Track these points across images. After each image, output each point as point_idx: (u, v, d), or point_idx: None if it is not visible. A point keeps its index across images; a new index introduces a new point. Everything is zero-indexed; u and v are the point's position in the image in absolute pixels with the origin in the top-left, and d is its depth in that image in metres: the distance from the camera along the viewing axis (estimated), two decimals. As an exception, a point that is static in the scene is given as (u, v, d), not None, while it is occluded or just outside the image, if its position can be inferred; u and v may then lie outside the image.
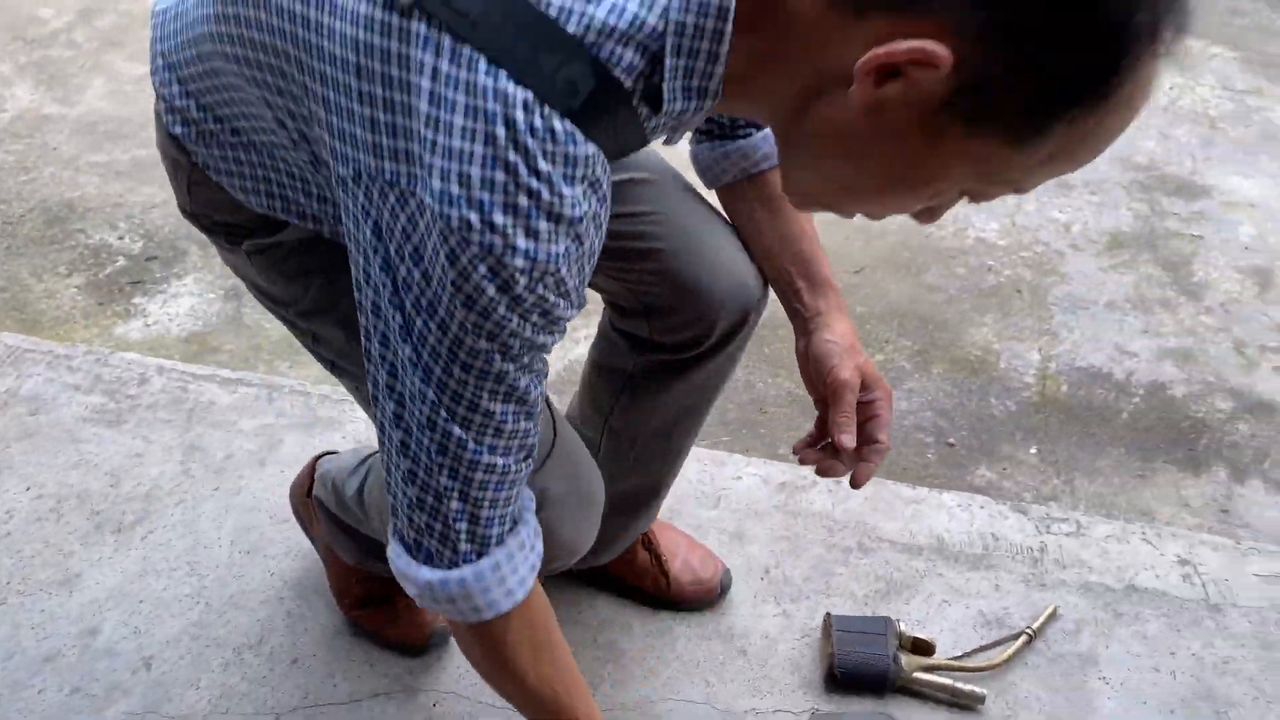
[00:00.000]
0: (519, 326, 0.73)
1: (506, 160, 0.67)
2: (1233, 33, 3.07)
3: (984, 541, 1.57)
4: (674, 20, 0.67)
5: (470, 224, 0.68)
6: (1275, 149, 2.63)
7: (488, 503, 0.82)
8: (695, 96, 0.72)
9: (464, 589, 0.85)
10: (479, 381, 0.76)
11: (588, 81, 0.67)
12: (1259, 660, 1.42)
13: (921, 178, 0.70)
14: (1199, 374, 2.06)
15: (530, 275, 0.70)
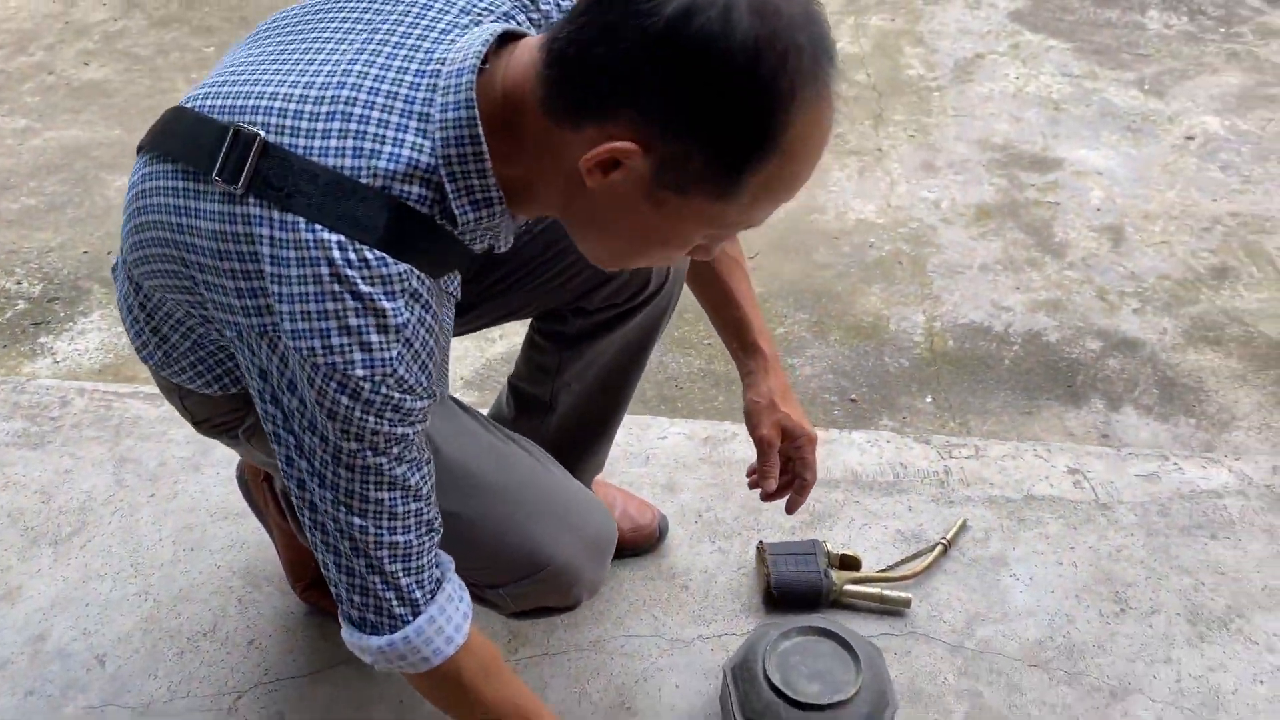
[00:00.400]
0: (377, 424, 0.88)
1: (333, 292, 0.83)
2: (1065, 27, 3.36)
3: (894, 470, 1.70)
4: (440, 156, 0.85)
5: (315, 350, 0.84)
6: (1113, 124, 2.89)
7: (403, 573, 0.96)
8: (482, 206, 0.88)
9: (409, 645, 0.98)
10: (362, 476, 0.91)
11: (383, 216, 0.84)
12: (1147, 546, 1.58)
13: (665, 238, 0.88)
14: (1068, 320, 2.25)
15: (372, 380, 0.85)
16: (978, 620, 1.47)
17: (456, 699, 1.06)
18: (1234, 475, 1.69)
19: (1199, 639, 1.44)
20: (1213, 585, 1.51)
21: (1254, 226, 2.52)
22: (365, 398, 0.86)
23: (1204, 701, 1.37)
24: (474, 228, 0.89)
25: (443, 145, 0.85)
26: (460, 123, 0.84)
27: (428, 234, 0.87)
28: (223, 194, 0.87)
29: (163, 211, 0.92)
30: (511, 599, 1.20)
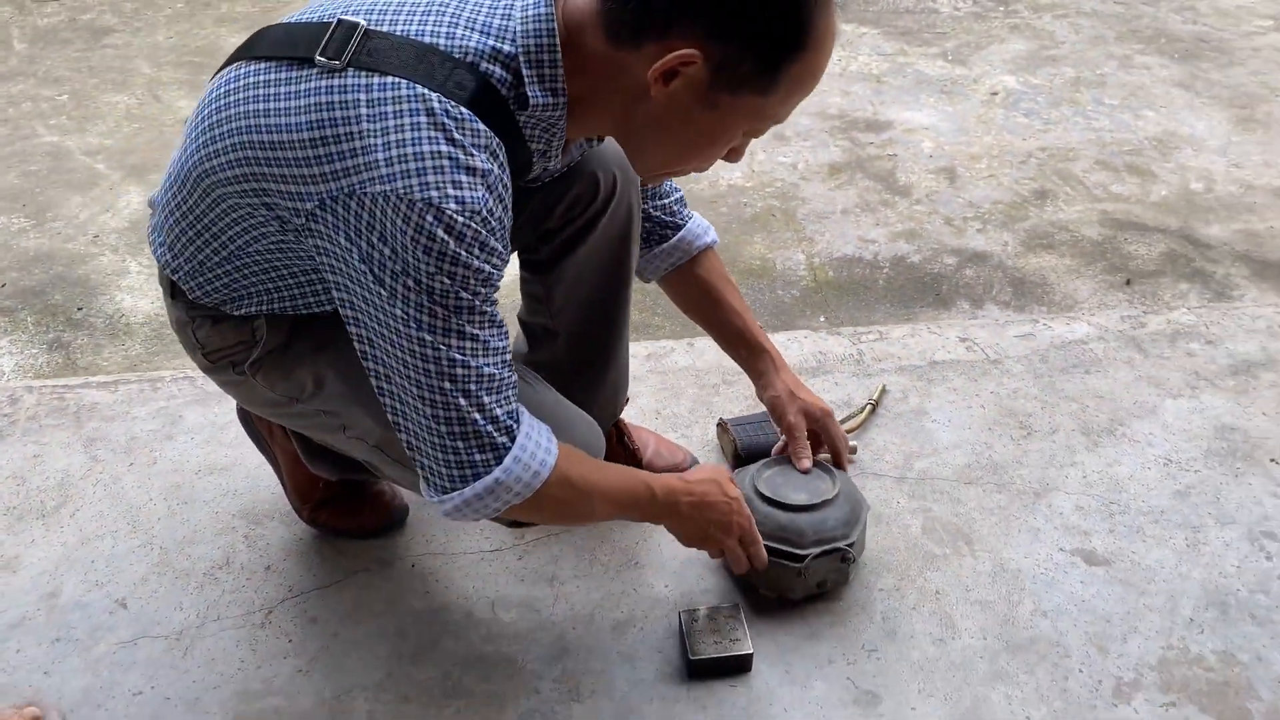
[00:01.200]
0: (468, 258, 0.99)
1: (430, 135, 0.96)
2: (871, 17, 3.77)
3: (816, 359, 1.92)
4: (520, 46, 1.01)
5: (413, 188, 0.95)
6: (928, 89, 3.28)
7: (498, 404, 1.08)
8: (549, 94, 1.03)
9: (521, 465, 1.10)
10: (457, 313, 1.01)
11: (471, 82, 0.99)
12: (1036, 385, 1.85)
13: (717, 135, 1.06)
14: (925, 245, 2.55)
15: (464, 214, 0.97)
16: (913, 457, 1.69)
17: (577, 499, 1.17)
18: (1093, 327, 2.00)
19: (1094, 445, 1.72)
20: (1095, 406, 1.80)
21: (1061, 156, 2.92)
22: (459, 230, 0.97)
23: (1108, 488, 1.63)
24: (539, 118, 1.04)
25: (523, 38, 1.01)
26: (539, 20, 1.01)
27: (503, 112, 1.02)
28: (322, 71, 0.99)
29: (250, 103, 1.03)
30: None
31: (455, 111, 0.97)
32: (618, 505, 1.22)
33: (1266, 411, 1.79)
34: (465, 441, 1.07)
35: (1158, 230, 2.61)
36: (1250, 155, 2.92)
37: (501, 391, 1.08)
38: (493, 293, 1.05)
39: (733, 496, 1.31)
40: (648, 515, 1.27)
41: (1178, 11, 3.80)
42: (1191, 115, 3.12)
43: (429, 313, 1.01)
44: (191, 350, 1.29)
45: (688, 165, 1.12)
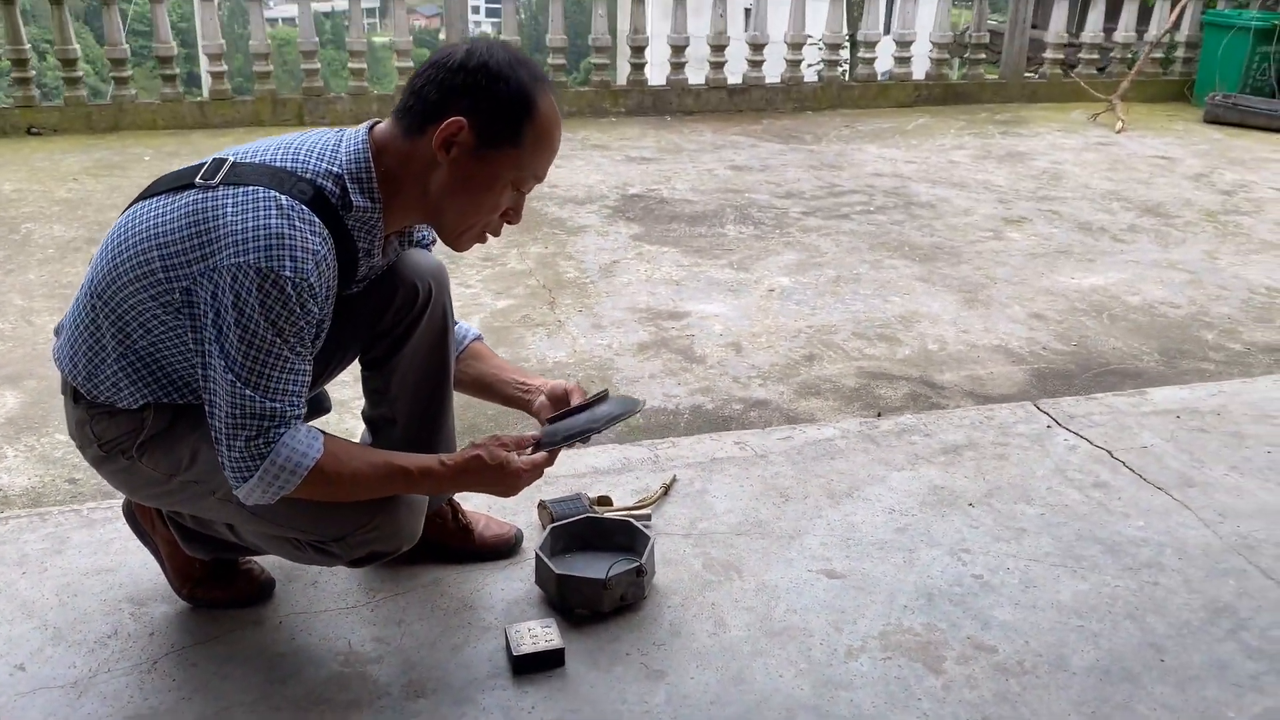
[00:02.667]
0: (288, 314, 1.41)
1: (278, 221, 1.40)
2: (672, 239, 4.48)
3: (620, 462, 2.34)
4: (344, 168, 1.50)
5: (260, 259, 1.38)
6: (719, 289, 3.92)
7: (283, 406, 1.46)
8: (368, 199, 1.51)
9: (290, 450, 1.46)
10: (270, 352, 1.43)
11: (310, 190, 1.47)
12: (793, 469, 2.31)
13: (493, 182, 1.51)
14: (717, 396, 3.06)
15: (294, 281, 1.40)
16: (697, 521, 2.10)
17: (340, 476, 1.51)
18: (837, 430, 2.50)
19: (836, 504, 2.17)
20: (838, 479, 2.27)
21: (825, 331, 3.55)
22: (287, 291, 1.40)
23: (846, 530, 2.07)
24: (362, 219, 1.50)
25: (346, 162, 1.50)
26: (357, 148, 1.50)
27: (333, 214, 1.47)
28: (200, 189, 1.44)
29: (144, 221, 1.47)
30: (349, 548, 1.62)
31: (297, 207, 1.42)
32: (380, 486, 1.57)
33: (967, 475, 2.29)
34: (251, 433, 1.44)
35: (903, 378, 3.20)
36: (974, 324, 3.62)
37: (286, 397, 1.46)
38: (303, 336, 1.45)
39: (496, 463, 1.60)
40: (415, 489, 1.62)
41: (918, 229, 4.65)
42: (929, 299, 3.84)
43: (255, 346, 1.41)
44: (86, 446, 1.62)
45: (479, 216, 1.54)
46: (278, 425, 1.45)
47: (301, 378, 1.48)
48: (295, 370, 1.46)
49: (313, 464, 1.47)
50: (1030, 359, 3.37)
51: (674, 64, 6.75)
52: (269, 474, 1.46)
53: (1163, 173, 5.68)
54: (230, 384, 1.43)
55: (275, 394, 1.45)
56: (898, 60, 7.18)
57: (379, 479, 1.56)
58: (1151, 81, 7.37)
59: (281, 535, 1.62)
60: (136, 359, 1.53)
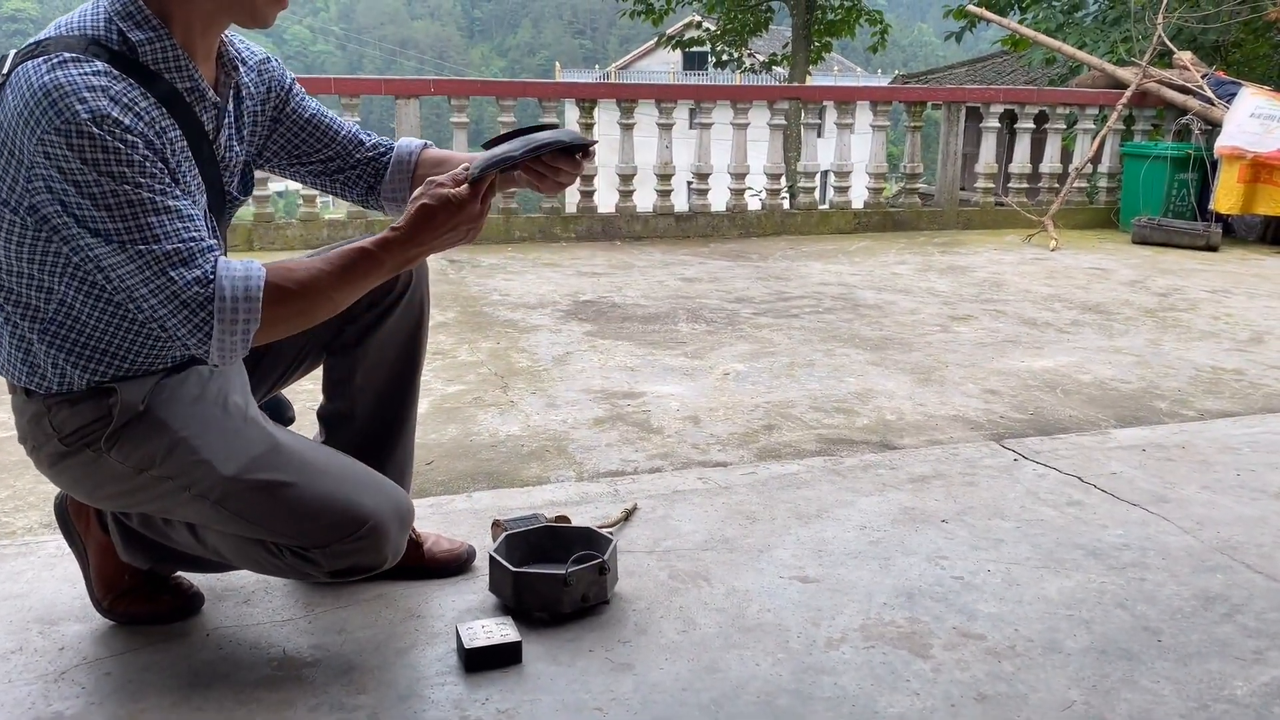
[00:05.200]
0: (120, 156, 1.28)
1: (49, 77, 1.28)
2: (626, 334, 4.46)
3: (580, 495, 2.24)
4: (110, 11, 1.37)
5: (53, 118, 1.26)
6: (674, 374, 3.88)
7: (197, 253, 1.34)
8: (145, 29, 1.37)
9: (229, 278, 1.34)
10: (136, 205, 1.30)
11: (78, 44, 1.33)
12: (759, 496, 2.22)
13: None
14: (676, 461, 2.97)
15: (97, 121, 1.27)
16: (660, 540, 1.99)
17: (307, 287, 1.38)
18: (801, 465, 2.43)
19: (805, 524, 2.07)
20: (805, 504, 2.18)
21: (783, 406, 3.50)
22: (96, 134, 1.26)
23: (817, 544, 1.97)
24: (151, 52, 1.36)
25: (109, 5, 1.36)
26: None
27: (122, 61, 1.33)
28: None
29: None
30: (333, 557, 1.48)
31: (66, 57, 1.29)
32: (348, 277, 1.40)
33: (938, 499, 2.21)
34: (182, 285, 1.32)
35: (863, 443, 3.14)
36: (930, 399, 3.60)
37: (195, 243, 1.34)
38: (159, 184, 1.32)
39: (440, 201, 1.41)
40: (381, 267, 1.42)
41: (867, 326, 4.70)
42: (883, 379, 3.83)
43: (112, 208, 1.29)
44: (43, 443, 1.48)
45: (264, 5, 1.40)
46: (198, 260, 1.33)
47: (190, 216, 1.35)
48: (176, 211, 1.33)
49: (261, 280, 1.35)
50: (988, 425, 3.34)
51: (622, 191, 6.92)
52: (225, 314, 1.33)
53: (1099, 280, 5.84)
54: (125, 254, 1.31)
55: (172, 235, 1.32)
56: (837, 190, 7.44)
57: (342, 269, 1.40)
58: (1080, 210, 7.69)
59: (259, 539, 1.48)
60: (56, 328, 1.42)
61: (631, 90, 6.91)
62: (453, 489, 2.72)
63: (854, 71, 40.15)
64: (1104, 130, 7.54)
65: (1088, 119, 7.77)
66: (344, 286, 1.41)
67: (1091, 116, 7.79)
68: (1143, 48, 8.19)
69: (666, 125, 6.93)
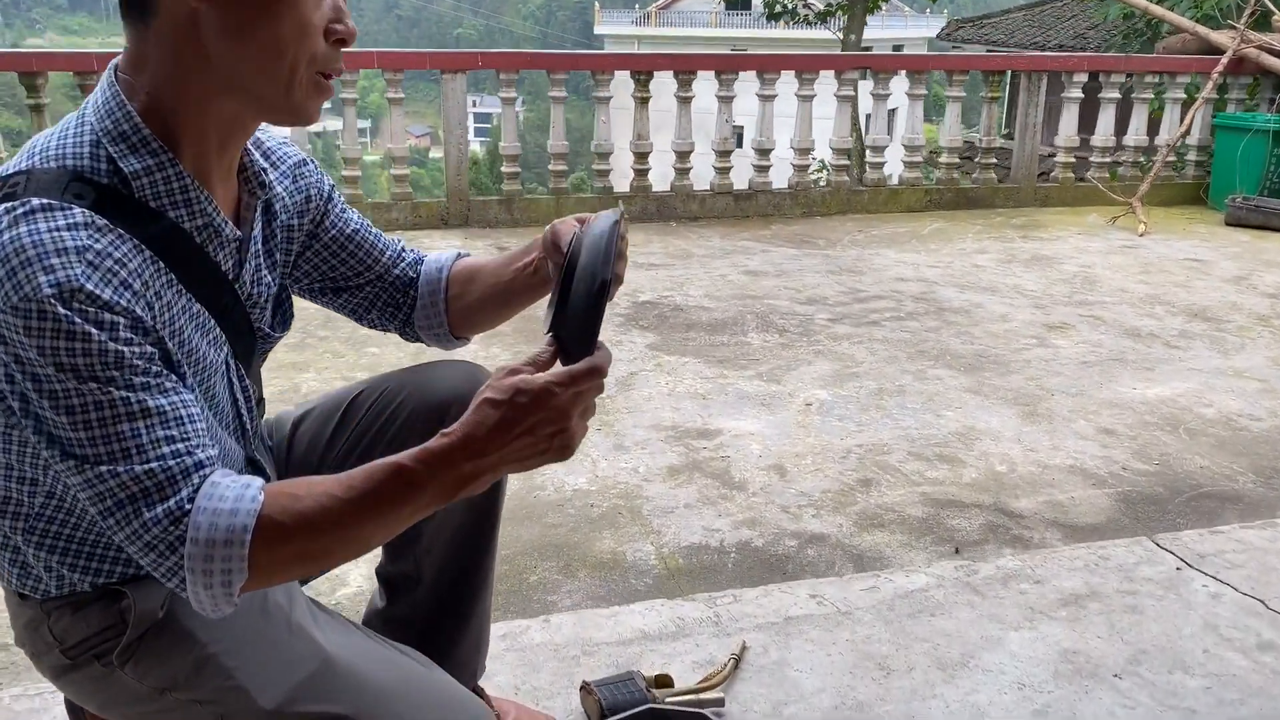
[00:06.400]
0: (86, 344, 0.94)
1: (9, 235, 0.95)
2: (692, 349, 4.11)
3: (674, 624, 1.91)
4: (99, 132, 1.03)
5: (9, 293, 0.93)
6: (750, 403, 3.53)
7: (174, 458, 0.98)
8: (141, 153, 1.03)
9: (210, 511, 0.97)
10: (95, 409, 0.96)
11: (56, 180, 0.99)
12: (887, 630, 1.89)
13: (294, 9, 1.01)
14: (766, 530, 2.65)
15: (63, 298, 0.94)
16: (782, 705, 1.67)
17: (314, 521, 1.00)
18: (930, 576, 2.08)
19: (950, 678, 1.74)
20: (945, 644, 1.84)
21: (877, 451, 3.15)
22: (59, 313, 0.93)
23: (972, 715, 1.64)
24: (151, 184, 1.03)
25: (98, 123, 1.03)
26: (107, 100, 1.03)
27: (112, 196, 1.00)
28: None
29: None
30: None
31: (33, 204, 0.96)
32: (375, 506, 1.01)
33: (1100, 635, 1.87)
34: (149, 521, 0.97)
35: (974, 506, 2.80)
36: (1041, 441, 3.24)
37: (170, 461, 0.98)
38: (134, 375, 0.97)
39: (508, 393, 1.00)
40: (421, 492, 1.01)
41: (956, 337, 4.31)
42: (985, 413, 3.47)
43: (70, 410, 0.96)
44: (45, 652, 1.17)
45: (291, 47, 1.02)
46: (175, 485, 0.98)
47: (179, 418, 1.00)
48: (158, 414, 0.98)
49: (253, 517, 0.97)
50: (1111, 480, 2.97)
51: (678, 169, 6.51)
52: (198, 561, 0.97)
53: (1198, 276, 5.39)
54: (81, 471, 0.98)
55: (145, 451, 0.97)
56: (907, 165, 6.98)
57: (364, 497, 1.00)
58: (1165, 185, 7.18)
59: None
60: (45, 524, 1.11)
61: (690, 61, 6.47)
62: (521, 573, 2.42)
63: (901, 13, 38.86)
64: (1198, 102, 7.00)
65: (1177, 87, 7.22)
66: (369, 521, 1.01)
67: (1181, 85, 7.24)
68: (1239, 6, 7.59)
69: (727, 98, 6.50)
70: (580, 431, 1.03)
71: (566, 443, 1.03)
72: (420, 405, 1.38)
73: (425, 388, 1.39)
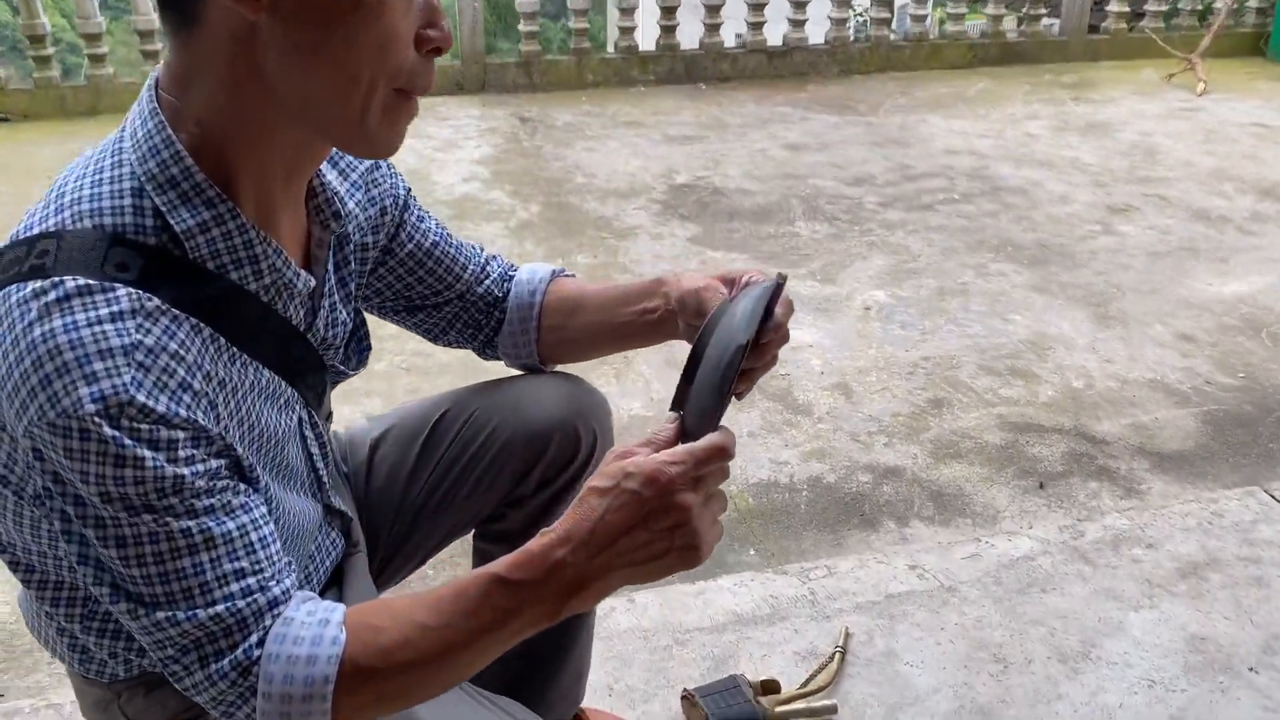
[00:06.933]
0: (138, 467, 0.76)
1: (38, 333, 0.76)
2: (737, 242, 3.88)
3: (769, 604, 1.78)
4: (142, 177, 0.82)
5: (46, 408, 0.75)
6: (805, 307, 3.34)
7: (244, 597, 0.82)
8: (195, 205, 0.82)
9: (285, 659, 0.81)
10: (149, 544, 0.79)
11: (98, 250, 0.79)
12: (998, 610, 1.76)
13: (376, 21, 0.78)
14: (837, 463, 2.51)
15: (109, 414, 0.75)
16: (897, 709, 1.55)
17: (404, 658, 0.83)
18: (1035, 541, 1.94)
19: (1074, 673, 1.62)
20: (1062, 628, 1.71)
21: (945, 364, 2.98)
22: (105, 434, 0.75)
23: (1102, 720, 1.53)
24: (206, 241, 0.83)
25: (139, 165, 0.82)
26: (148, 132, 0.82)
27: (158, 260, 0.80)
28: None
29: None
30: None
31: (63, 288, 0.76)
32: (468, 634, 0.83)
33: (1228, 616, 1.74)
34: (216, 675, 0.82)
35: (1054, 430, 2.65)
36: (1117, 351, 3.06)
37: (240, 603, 0.82)
38: (194, 497, 0.80)
39: (615, 481, 0.81)
40: (521, 611, 0.83)
41: (1016, 223, 4.07)
42: (1054, 316, 3.27)
43: (120, 544, 0.79)
44: None
45: (373, 65, 0.80)
46: (242, 636, 0.82)
47: (241, 549, 0.83)
48: (218, 542, 0.81)
49: (334, 664, 0.81)
50: (1195, 398, 2.81)
51: (708, 25, 6.08)
52: (270, 714, 0.82)
53: (1267, 144, 5.08)
54: (136, 617, 0.82)
55: (207, 594, 0.81)
56: (951, 17, 6.52)
57: (459, 617, 0.82)
58: (1223, 34, 6.73)
59: None
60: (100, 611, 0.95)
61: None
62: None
63: None
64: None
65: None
66: (464, 650, 0.83)
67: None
68: None
69: (762, -56, 6.02)
70: (708, 528, 0.83)
71: (692, 540, 0.82)
72: (516, 435, 1.20)
73: (521, 414, 1.21)
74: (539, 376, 1.25)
